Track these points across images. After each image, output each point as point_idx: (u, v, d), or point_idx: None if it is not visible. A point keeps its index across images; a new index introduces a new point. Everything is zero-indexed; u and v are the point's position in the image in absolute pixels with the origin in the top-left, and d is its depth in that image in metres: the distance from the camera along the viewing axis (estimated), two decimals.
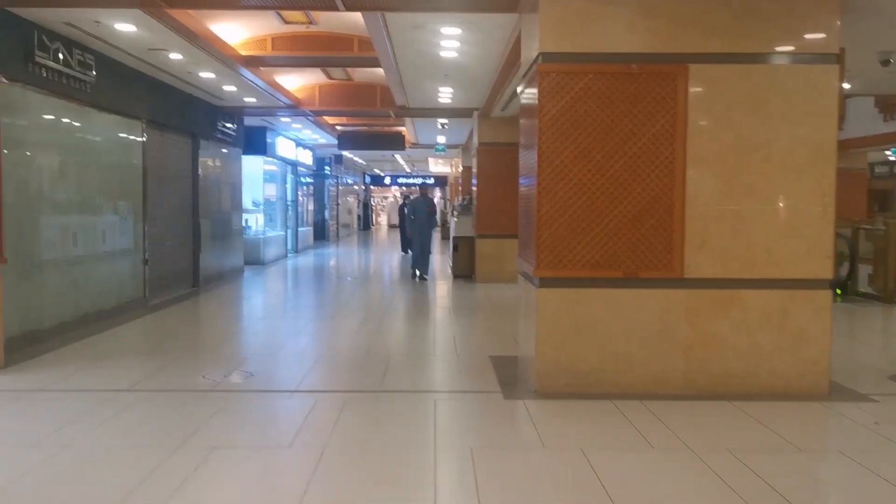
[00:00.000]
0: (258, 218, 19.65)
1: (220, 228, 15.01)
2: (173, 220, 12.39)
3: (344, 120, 19.05)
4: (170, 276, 12.13)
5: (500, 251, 14.69)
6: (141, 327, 9.47)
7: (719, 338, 6.10)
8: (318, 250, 24.40)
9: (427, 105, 14.30)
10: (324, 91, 14.63)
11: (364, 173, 42.70)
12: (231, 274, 15.34)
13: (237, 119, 15.55)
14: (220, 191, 15.22)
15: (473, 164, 15.84)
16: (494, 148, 14.68)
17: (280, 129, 19.37)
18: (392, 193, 53.64)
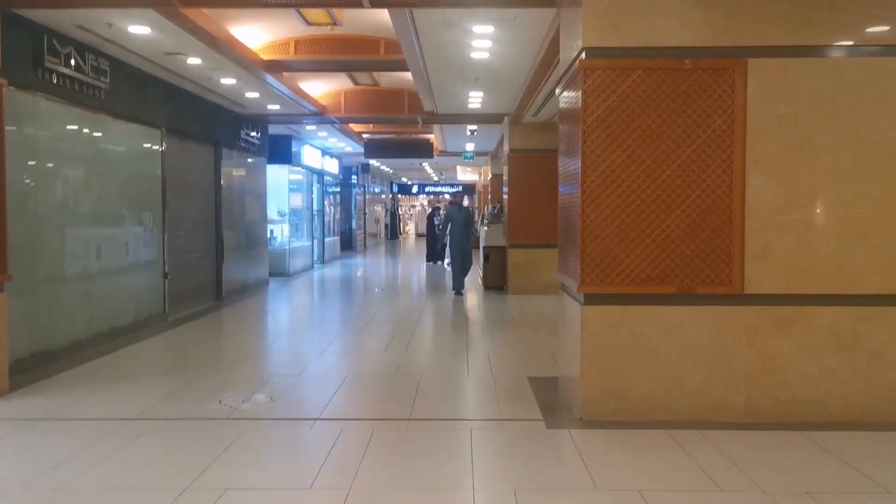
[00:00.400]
0: (284, 228, 19.27)
1: (243, 239, 14.63)
2: (195, 231, 12.01)
3: (370, 127, 18.63)
4: (191, 290, 11.74)
5: (532, 261, 14.15)
6: (159, 345, 9.06)
7: (784, 360, 5.51)
8: (346, 260, 24.00)
9: (456, 111, 13.82)
10: (349, 97, 14.20)
11: (391, 182, 42.36)
12: (256, 286, 14.95)
13: (261, 127, 15.18)
14: (244, 201, 14.84)
15: (504, 172, 15.32)
16: (526, 155, 14.15)
17: (305, 138, 19.00)
18: (419, 202, 53.24)
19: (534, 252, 14.13)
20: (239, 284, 14.06)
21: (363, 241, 31.28)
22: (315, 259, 21.79)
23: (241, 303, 12.95)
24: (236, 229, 14.31)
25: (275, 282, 16.54)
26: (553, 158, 14.56)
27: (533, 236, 14.10)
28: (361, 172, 29.24)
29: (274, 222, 18.61)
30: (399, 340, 9.05)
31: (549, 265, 14.31)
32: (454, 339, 9.39)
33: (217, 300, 12.90)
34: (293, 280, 17.25)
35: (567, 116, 6.27)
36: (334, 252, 24.62)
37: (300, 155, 19.13)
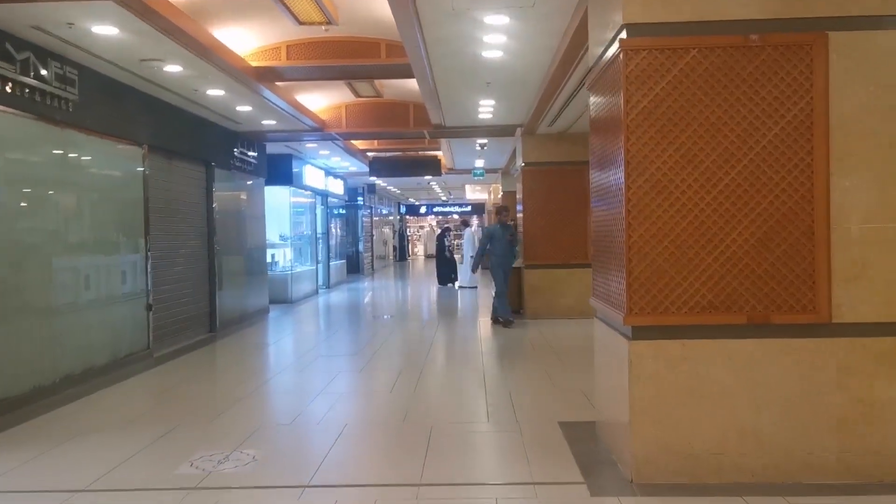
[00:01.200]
0: (286, 253, 18.29)
1: (241, 265, 13.65)
2: (185, 258, 11.02)
3: (375, 144, 17.69)
4: (181, 322, 10.73)
5: (550, 283, 13.10)
6: (137, 387, 8.04)
7: (887, 405, 4.43)
8: (353, 284, 23.00)
9: (465, 123, 12.84)
10: (351, 111, 13.26)
11: (399, 203, 41.43)
12: (254, 315, 13.94)
13: (258, 146, 14.24)
14: (241, 224, 13.87)
15: (518, 189, 14.32)
16: (541, 168, 13.15)
17: (307, 157, 18.08)
18: (428, 223, 52.32)
19: (553, 273, 13.10)
20: (236, 314, 13.05)
21: (371, 263, 30.29)
22: (320, 284, 20.79)
23: (237, 334, 11.94)
24: (232, 255, 13.33)
25: (276, 310, 15.53)
26: (571, 171, 13.57)
27: (551, 256, 13.08)
28: (367, 193, 28.32)
29: (275, 246, 17.65)
30: (408, 377, 8.00)
31: (570, 287, 13.30)
32: (469, 374, 8.33)
33: (211, 332, 11.89)
34: (296, 307, 16.24)
35: (602, 118, 5.25)
36: (341, 276, 23.63)
37: (302, 175, 18.19)
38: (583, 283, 12.91)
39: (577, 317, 12.92)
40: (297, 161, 17.53)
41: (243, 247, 13.93)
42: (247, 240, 14.18)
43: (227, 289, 12.76)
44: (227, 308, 12.58)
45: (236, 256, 13.49)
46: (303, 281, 18.44)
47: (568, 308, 13.05)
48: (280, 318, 14.35)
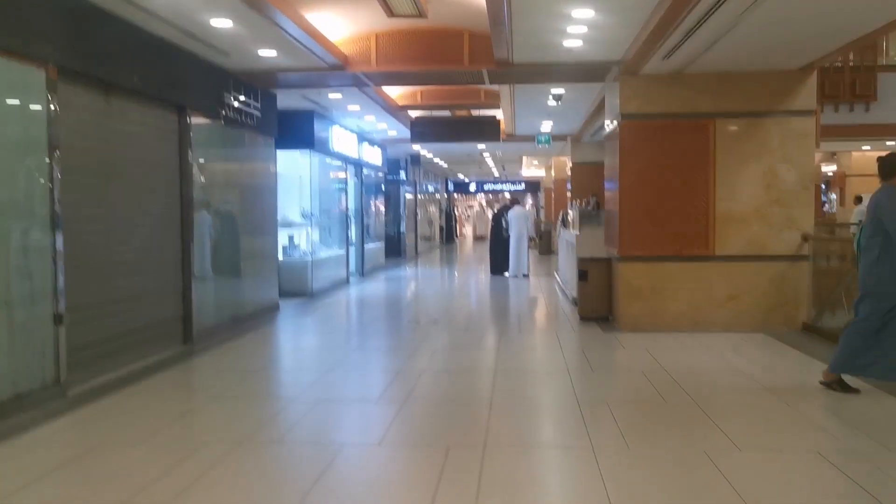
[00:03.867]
0: (309, 234, 14.90)
1: (238, 249, 10.27)
2: (139, 241, 7.65)
3: (418, 99, 14.11)
4: (127, 336, 7.37)
5: (656, 282, 9.45)
6: (4, 455, 4.68)
7: None
8: (391, 272, 19.54)
9: (541, 58, 9.20)
10: (384, 42, 9.68)
11: (446, 179, 37.86)
12: (256, 317, 10.56)
13: (263, 95, 10.79)
14: (241, 196, 10.48)
15: (610, 154, 10.62)
16: (646, 123, 9.45)
17: (334, 116, 14.59)
18: (477, 202, 48.74)
19: (659, 268, 9.45)
20: (226, 316, 9.68)
21: (414, 246, 26.83)
22: (352, 271, 17.37)
23: (219, 349, 8.55)
24: (226, 235, 9.96)
25: (290, 306, 12.15)
26: (688, 127, 9.75)
27: (658, 244, 9.42)
28: (411, 165, 24.79)
29: (293, 226, 14.26)
30: (458, 472, 4.47)
31: (684, 287, 9.62)
32: (571, 464, 4.74)
33: (185, 345, 8.53)
34: (315, 303, 12.82)
35: None
36: (377, 261, 20.18)
37: (328, 139, 14.72)
38: (702, 282, 9.30)
39: (692, 329, 9.30)
40: (321, 120, 14.05)
41: (244, 225, 10.55)
42: (249, 216, 10.79)
43: (213, 282, 9.39)
44: (210, 309, 9.21)
45: (232, 237, 10.12)
46: (328, 268, 15.02)
47: (679, 316, 9.41)
48: (289, 321, 10.94)
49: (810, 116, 9.30)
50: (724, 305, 9.40)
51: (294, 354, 8.63)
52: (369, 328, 10.16)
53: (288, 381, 7.27)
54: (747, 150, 9.34)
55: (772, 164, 9.32)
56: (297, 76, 10.12)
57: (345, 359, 8.02)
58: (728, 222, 9.37)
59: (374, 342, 9.17)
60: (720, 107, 9.35)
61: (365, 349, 8.61)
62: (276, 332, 9.98)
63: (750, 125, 9.34)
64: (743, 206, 9.36)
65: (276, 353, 8.49)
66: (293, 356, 8.52)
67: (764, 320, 9.34)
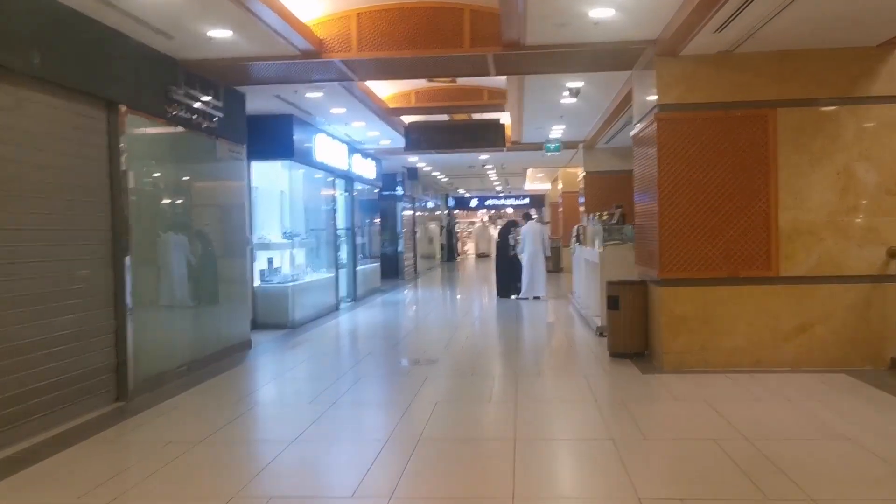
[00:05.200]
0: (292, 255, 13.13)
1: (195, 277, 8.49)
2: (46, 273, 5.88)
3: (412, 99, 12.37)
4: (26, 399, 5.58)
5: (708, 310, 7.67)
6: None
7: None
8: (388, 295, 17.73)
9: (560, 38, 7.48)
10: (366, 22, 7.93)
11: (446, 194, 36.13)
12: (219, 359, 8.77)
13: (226, 93, 9.06)
14: (199, 213, 8.74)
15: (645, 152, 8.87)
16: (690, 115, 7.69)
17: (318, 123, 12.85)
18: (479, 218, 47.03)
19: (710, 293, 7.67)
20: (179, 361, 7.90)
21: (413, 266, 25.04)
22: (343, 296, 15.58)
23: (164, 406, 6.73)
24: (180, 260, 8.19)
25: (266, 342, 10.36)
26: (743, 120, 7.46)
27: (707, 263, 7.65)
28: (408, 180, 23.04)
29: (272, 247, 12.48)
30: None
31: (741, 316, 7.80)
32: None
33: (117, 403, 6.75)
34: (296, 337, 11.00)
35: None
36: (373, 283, 18.36)
37: (311, 148, 12.98)
38: (763, 310, 7.54)
39: (752, 368, 7.52)
40: (302, 127, 12.32)
41: (206, 247, 8.81)
42: (213, 236, 9.05)
43: (161, 318, 7.62)
44: (156, 353, 7.42)
45: (189, 262, 8.34)
46: (313, 294, 13.22)
47: (736, 353, 7.62)
48: (260, 363, 9.15)
49: (894, 104, 7.53)
50: (792, 339, 7.59)
51: (256, 414, 6.80)
52: (355, 372, 8.34)
53: (240, 461, 5.43)
54: (816, 145, 7.56)
55: (847, 163, 7.54)
56: (262, 68, 8.37)
57: (319, 421, 6.18)
58: (794, 235, 7.58)
59: (358, 393, 7.33)
60: (782, 93, 7.58)
61: (346, 405, 6.77)
62: (241, 379, 8.17)
63: (819, 116, 7.57)
64: (812, 216, 7.57)
65: (234, 411, 6.67)
66: (255, 417, 6.69)
67: (842, 356, 7.54)
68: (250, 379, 8.20)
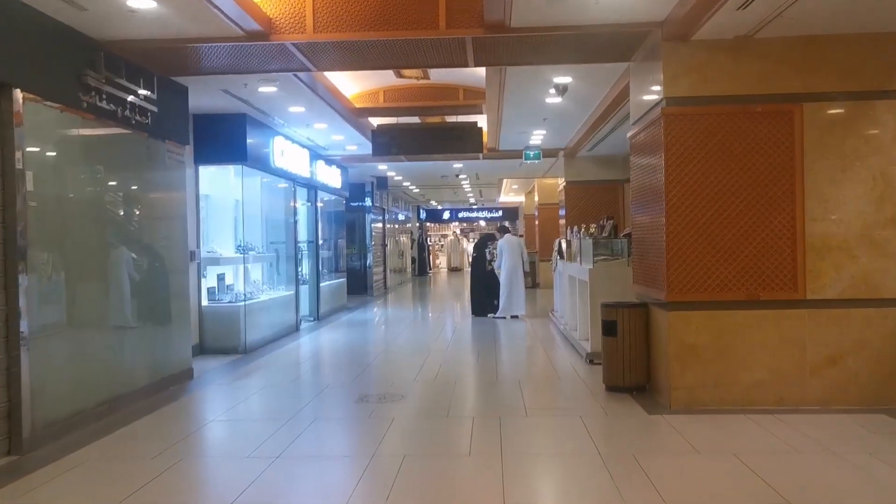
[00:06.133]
0: (248, 271, 11.85)
1: (117, 297, 7.19)
2: None
3: (380, 98, 11.19)
4: None
5: (724, 338, 6.55)
6: None
7: None
8: (354, 314, 16.43)
9: (554, 17, 6.34)
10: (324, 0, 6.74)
11: (418, 206, 34.95)
12: (151, 393, 7.47)
13: (162, 83, 7.79)
14: (126, 221, 7.45)
15: (646, 156, 7.76)
16: (707, 108, 6.59)
17: (276, 125, 11.60)
18: (452, 231, 45.89)
19: (726, 318, 6.55)
20: (97, 400, 6.59)
21: (383, 281, 23.77)
22: (305, 315, 14.32)
23: (70, 459, 5.44)
24: (99, 277, 6.89)
25: (212, 370, 9.08)
26: (766, 117, 5.82)
27: (724, 284, 6.53)
28: (377, 190, 21.81)
29: (221, 262, 11.18)
30: None
31: (764, 345, 6.49)
32: None
33: (10, 455, 5.46)
34: (247, 364, 9.71)
35: None
36: (338, 300, 17.06)
37: (268, 153, 11.72)
38: (788, 338, 6.47)
39: (776, 407, 6.44)
40: (257, 129, 11.06)
41: (135, 261, 7.52)
42: (145, 249, 7.77)
43: (67, 346, 6.31)
44: (61, 390, 6.12)
45: (110, 279, 7.05)
46: (270, 314, 11.93)
47: (756, 388, 6.51)
48: (199, 398, 7.85)
49: None
50: (821, 372, 6.49)
51: (180, 472, 5.49)
52: (310, 411, 7.06)
53: None
54: (849, 146, 6.49)
55: (885, 167, 6.47)
56: (201, 52, 7.13)
57: (258, 484, 4.93)
58: (824, 251, 6.49)
59: (310, 442, 6.04)
60: (809, 85, 6.51)
61: (294, 459, 5.51)
62: (173, 420, 6.86)
63: (853, 111, 6.50)
64: (844, 229, 6.49)
65: (152, 468, 5.39)
66: (177, 477, 5.39)
67: (879, 393, 6.45)
68: (183, 420, 6.89)
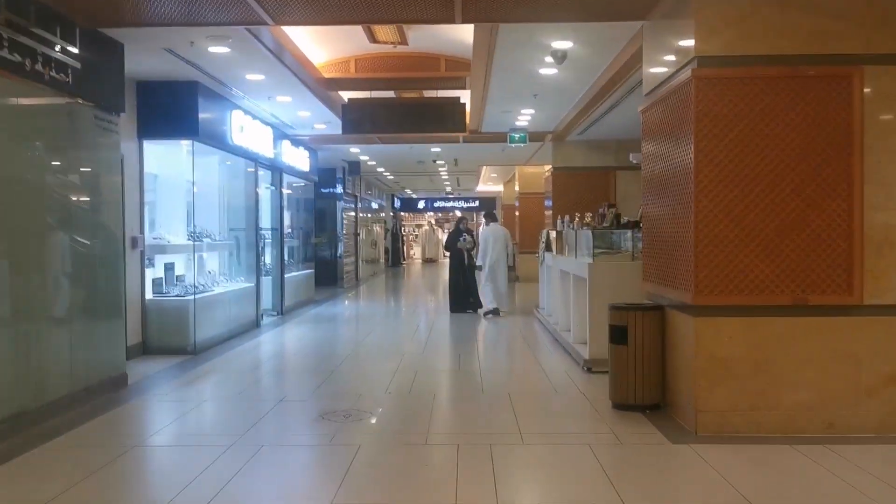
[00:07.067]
0: (203, 260, 10.54)
1: (21, 292, 5.87)
2: None
3: (352, 67, 9.92)
4: None
5: (763, 350, 5.41)
6: None
7: None
8: (322, 308, 15.15)
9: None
10: None
11: (392, 195, 33.66)
12: (70, 404, 6.16)
13: (86, 36, 6.46)
14: (39, 202, 6.14)
15: (668, 127, 6.57)
16: (747, 69, 5.42)
17: (234, 97, 10.26)
18: (427, 220, 44.65)
19: (766, 326, 5.42)
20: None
21: (354, 272, 22.47)
22: (266, 309, 13.03)
23: None
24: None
25: (153, 375, 7.80)
26: (819, 82, 4.94)
27: (765, 285, 5.38)
28: (350, 176, 20.49)
29: (168, 250, 9.86)
30: None
31: (812, 359, 5.13)
32: None
33: None
34: (196, 367, 8.42)
35: None
36: (305, 293, 15.73)
37: (225, 129, 10.39)
38: (840, 351, 5.30)
39: (824, 434, 5.32)
40: (211, 100, 9.73)
41: (48, 250, 6.21)
42: (60, 235, 6.45)
43: None
44: None
45: (9, 269, 5.74)
46: (225, 308, 10.62)
47: (800, 411, 5.38)
48: (121, 416, 6.56)
49: None
50: (879, 392, 5.37)
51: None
52: (256, 435, 5.78)
53: None
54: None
55: None
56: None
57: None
58: (885, 247, 5.37)
59: (249, 484, 4.79)
60: (874, 44, 5.36)
61: (235, 499, 4.29)
62: (84, 446, 5.53)
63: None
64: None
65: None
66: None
67: None
68: (97, 447, 5.49)
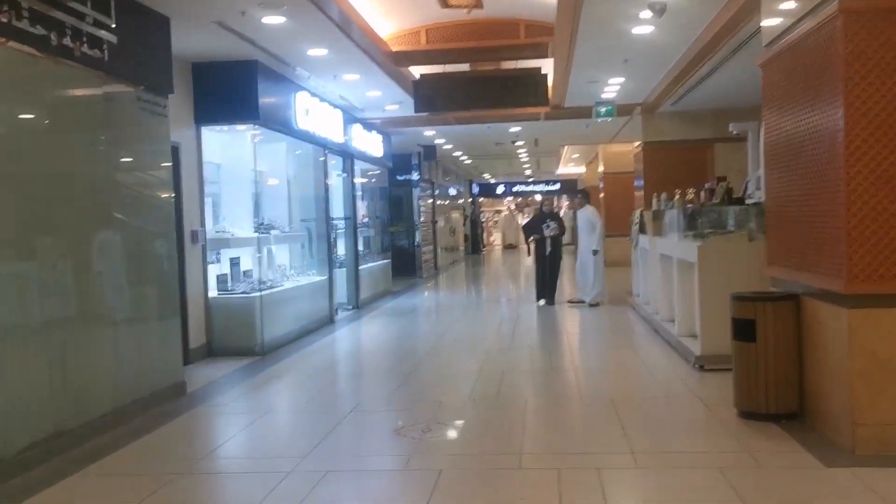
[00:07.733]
0: (272, 254, 9.92)
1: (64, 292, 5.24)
2: None
3: (422, 38, 9.04)
4: None
5: None
6: None
7: None
8: (400, 299, 14.43)
9: None
10: None
11: (470, 180, 32.77)
12: (120, 418, 5.51)
13: (123, 6, 5.76)
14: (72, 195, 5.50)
15: (798, 83, 5.44)
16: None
17: (298, 78, 9.52)
18: (506, 206, 43.63)
19: None
20: (27, 437, 4.66)
21: (433, 260, 21.69)
22: (341, 302, 12.36)
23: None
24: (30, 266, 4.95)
25: (215, 379, 7.15)
26: None
27: None
28: (425, 161, 19.66)
29: (231, 244, 9.24)
30: None
31: None
32: None
33: None
34: (263, 371, 7.74)
35: None
36: (382, 285, 15.02)
37: (289, 111, 9.67)
38: None
39: None
40: (271, 80, 9.00)
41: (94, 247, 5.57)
42: (106, 231, 5.81)
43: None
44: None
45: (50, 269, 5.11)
46: (295, 305, 9.94)
47: None
48: (173, 433, 5.87)
49: None
50: None
51: None
52: (319, 456, 4.98)
53: None
54: None
55: None
56: None
57: None
58: None
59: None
60: None
61: None
62: (126, 473, 4.85)
63: None
64: None
65: None
66: None
67: None
68: (134, 474, 4.81)
